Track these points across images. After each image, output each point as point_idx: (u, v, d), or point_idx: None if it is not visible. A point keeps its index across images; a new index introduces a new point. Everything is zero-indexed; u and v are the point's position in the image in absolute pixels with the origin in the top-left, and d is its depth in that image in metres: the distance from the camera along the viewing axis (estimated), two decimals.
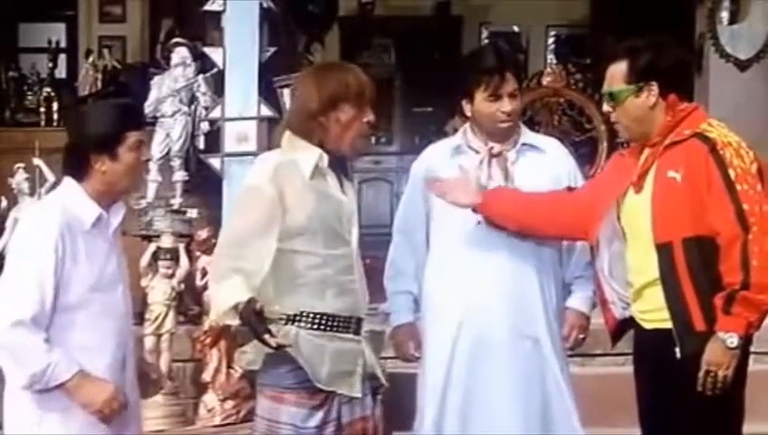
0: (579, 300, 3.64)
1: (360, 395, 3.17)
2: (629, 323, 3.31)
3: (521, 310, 3.53)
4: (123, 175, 3.02)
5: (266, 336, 2.99)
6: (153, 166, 6.35)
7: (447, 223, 3.60)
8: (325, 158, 3.16)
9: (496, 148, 3.59)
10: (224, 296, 3.04)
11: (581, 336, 3.65)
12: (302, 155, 3.14)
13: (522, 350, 3.52)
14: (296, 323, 3.09)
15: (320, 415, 3.12)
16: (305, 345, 3.09)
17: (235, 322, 3.05)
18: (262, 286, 3.06)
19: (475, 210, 3.49)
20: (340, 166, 3.23)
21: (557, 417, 3.55)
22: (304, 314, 3.10)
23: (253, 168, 3.23)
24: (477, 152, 3.61)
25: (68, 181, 3.03)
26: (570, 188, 3.55)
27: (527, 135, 3.69)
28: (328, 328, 3.12)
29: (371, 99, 3.19)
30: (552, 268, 3.62)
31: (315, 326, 3.10)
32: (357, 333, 3.20)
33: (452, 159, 3.64)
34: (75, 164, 3.01)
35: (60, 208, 2.96)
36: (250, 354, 3.19)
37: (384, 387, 3.27)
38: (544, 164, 3.62)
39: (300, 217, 3.10)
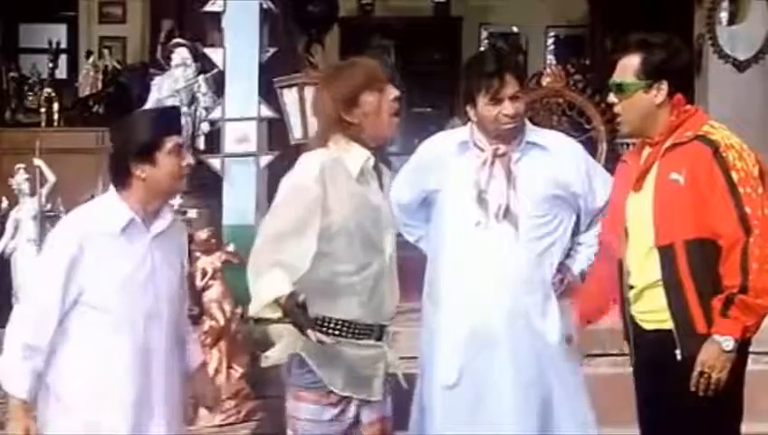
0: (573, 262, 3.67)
1: (380, 398, 3.20)
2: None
3: (520, 306, 3.56)
4: (163, 180, 3.08)
5: (310, 331, 2.99)
6: None
7: (451, 219, 3.64)
8: (372, 159, 3.19)
9: (501, 148, 3.61)
10: (264, 290, 3.02)
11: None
12: (351, 154, 3.17)
13: (523, 346, 3.56)
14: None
15: (335, 411, 3.16)
16: (317, 351, 3.10)
17: (275, 315, 3.04)
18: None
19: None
20: (381, 159, 3.25)
21: (561, 415, 3.58)
22: (326, 318, 3.10)
23: (298, 166, 3.21)
24: (482, 150, 3.62)
25: (110, 189, 3.12)
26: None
27: (532, 133, 3.69)
28: (347, 334, 3.14)
29: (385, 77, 3.23)
30: (552, 265, 3.64)
31: (336, 332, 3.11)
32: (379, 338, 3.21)
33: (459, 154, 3.67)
34: (117, 173, 3.09)
35: (87, 213, 3.10)
36: (274, 357, 3.23)
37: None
38: (547, 163, 3.63)
39: (338, 219, 3.11)
